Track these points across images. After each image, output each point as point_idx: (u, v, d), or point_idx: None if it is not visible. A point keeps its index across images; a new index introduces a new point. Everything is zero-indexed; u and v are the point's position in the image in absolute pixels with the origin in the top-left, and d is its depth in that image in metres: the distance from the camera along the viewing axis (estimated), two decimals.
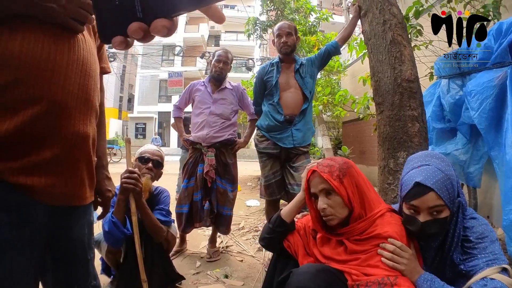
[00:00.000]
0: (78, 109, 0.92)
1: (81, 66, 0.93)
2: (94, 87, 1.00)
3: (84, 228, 1.04)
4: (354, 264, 1.10)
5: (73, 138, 0.90)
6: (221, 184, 2.70)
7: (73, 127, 0.90)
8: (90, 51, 0.98)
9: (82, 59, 0.93)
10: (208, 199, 2.69)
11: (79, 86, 0.92)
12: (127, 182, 1.66)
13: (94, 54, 1.02)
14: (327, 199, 1.18)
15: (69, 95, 0.88)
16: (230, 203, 2.73)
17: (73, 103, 0.90)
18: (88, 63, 0.96)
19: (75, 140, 0.91)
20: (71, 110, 0.89)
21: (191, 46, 24.60)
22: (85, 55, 0.95)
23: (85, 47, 0.95)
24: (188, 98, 2.87)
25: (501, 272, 0.97)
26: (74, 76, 0.90)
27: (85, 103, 0.95)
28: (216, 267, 2.48)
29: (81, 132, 0.93)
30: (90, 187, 1.02)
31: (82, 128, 0.93)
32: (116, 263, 1.88)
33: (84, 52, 0.94)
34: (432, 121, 2.31)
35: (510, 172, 1.49)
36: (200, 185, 2.66)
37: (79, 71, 0.92)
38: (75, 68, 0.91)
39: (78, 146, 0.93)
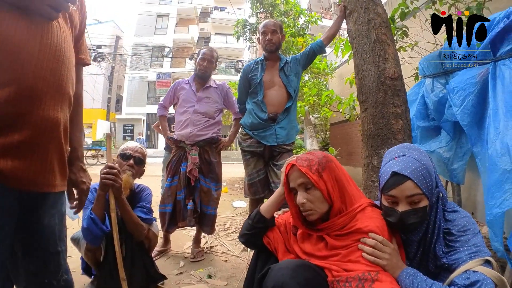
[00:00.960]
0: (49, 94, 0.91)
1: (54, 52, 0.92)
2: (68, 74, 0.99)
3: (55, 217, 1.01)
4: (335, 260, 1.08)
5: (42, 123, 0.90)
6: (205, 183, 2.66)
7: (43, 112, 0.89)
8: (65, 39, 0.98)
9: (55, 45, 0.93)
10: (192, 198, 2.65)
11: (51, 71, 0.91)
12: (107, 177, 1.64)
13: (69, 42, 1.01)
14: (306, 193, 1.16)
15: (40, 80, 0.88)
16: (214, 202, 2.69)
17: (44, 88, 0.89)
18: (62, 50, 0.95)
19: (45, 125, 0.90)
20: (41, 95, 0.89)
21: (180, 47, 24.55)
22: (59, 42, 0.94)
23: (59, 34, 0.95)
24: (173, 96, 2.84)
25: (484, 265, 0.96)
26: (46, 62, 0.90)
27: (57, 89, 0.94)
28: (200, 267, 2.44)
29: (51, 118, 0.92)
30: (61, 175, 1.00)
31: (53, 113, 0.92)
32: (96, 262, 1.83)
33: (58, 39, 0.94)
34: (417, 119, 2.33)
35: (493, 167, 1.50)
36: (184, 184, 2.62)
37: (51, 56, 0.91)
38: (48, 53, 0.90)
39: (48, 132, 0.92)
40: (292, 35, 6.99)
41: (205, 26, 26.84)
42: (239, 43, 12.99)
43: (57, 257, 1.02)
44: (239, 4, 21.17)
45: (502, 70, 1.60)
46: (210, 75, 2.81)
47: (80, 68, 1.18)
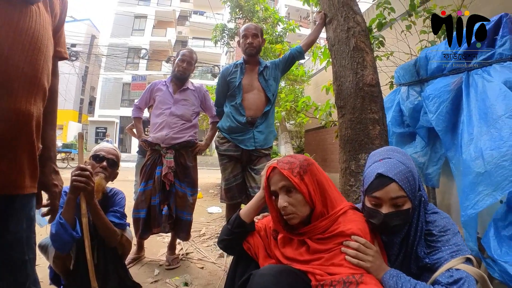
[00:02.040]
0: (22, 84, 0.83)
1: (31, 38, 0.84)
2: (44, 65, 0.90)
3: (22, 222, 0.91)
4: (317, 264, 1.06)
5: (12, 116, 0.81)
6: (180, 187, 2.59)
7: (14, 103, 0.81)
8: (44, 26, 0.90)
9: (32, 32, 0.85)
10: (167, 203, 2.58)
11: (26, 60, 0.83)
12: (78, 180, 1.52)
13: (48, 30, 0.93)
14: (287, 196, 1.14)
15: (12, 68, 0.80)
16: (189, 207, 2.62)
17: (17, 76, 0.81)
18: (40, 38, 0.87)
19: (15, 118, 0.82)
20: (13, 84, 0.80)
21: (157, 50, 24.22)
22: (37, 28, 0.86)
23: (38, 20, 0.87)
24: (149, 97, 2.76)
25: (465, 262, 0.98)
26: (21, 48, 0.82)
27: (31, 80, 0.86)
28: (175, 274, 2.36)
29: (23, 110, 0.83)
30: (31, 176, 0.91)
31: (25, 106, 0.84)
32: (65, 271, 1.70)
33: (36, 25, 0.86)
34: (392, 126, 2.39)
35: (467, 170, 1.56)
36: (158, 188, 2.53)
37: (27, 43, 0.83)
38: (24, 39, 0.82)
39: (19, 126, 0.83)
40: (270, 42, 7.05)
41: (183, 30, 26.66)
42: (216, 48, 12.99)
43: (25, 267, 0.92)
44: (219, 9, 21.21)
45: (475, 79, 1.68)
46: (188, 77, 2.76)
47: (57, 62, 1.09)
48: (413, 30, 2.81)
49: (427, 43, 2.78)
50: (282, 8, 23.98)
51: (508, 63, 1.59)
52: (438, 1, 2.87)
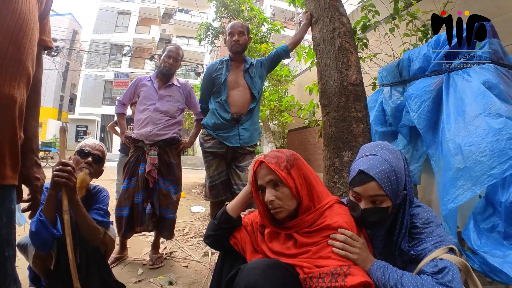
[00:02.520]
0: (6, 66, 0.79)
1: (17, 20, 0.81)
2: (29, 49, 0.86)
3: (2, 216, 0.85)
4: (305, 257, 1.07)
5: None
6: (164, 185, 2.55)
7: None
8: (30, 9, 0.86)
9: (18, 13, 0.81)
10: (150, 201, 2.52)
11: (11, 41, 0.79)
12: (59, 175, 1.47)
13: (34, 14, 0.89)
14: (274, 190, 1.15)
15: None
16: (173, 205, 2.59)
17: (1, 57, 0.77)
18: (26, 19, 0.84)
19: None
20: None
21: (140, 47, 23.80)
22: (23, 10, 0.83)
23: (24, 2, 0.83)
24: (133, 93, 2.72)
25: (449, 252, 1.02)
26: (6, 28, 0.78)
27: (15, 63, 0.81)
28: (159, 274, 2.33)
29: (6, 94, 0.79)
30: (12, 166, 0.85)
31: (8, 89, 0.79)
32: (45, 271, 1.64)
33: (22, 6, 0.82)
34: (375, 124, 2.44)
35: (447, 166, 1.62)
36: (142, 186, 2.49)
37: (13, 24, 0.80)
38: (9, 20, 0.79)
39: (0, 111, 0.79)
40: (254, 42, 7.06)
41: (167, 27, 26.35)
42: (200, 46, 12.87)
43: (4, 264, 0.86)
44: (204, 8, 21.05)
45: (455, 79, 1.74)
46: (174, 74, 2.73)
47: (41, 50, 1.05)
48: (396, 33, 2.88)
49: (410, 45, 2.85)
50: (268, 8, 24.10)
51: (487, 65, 1.66)
52: (421, 5, 2.96)
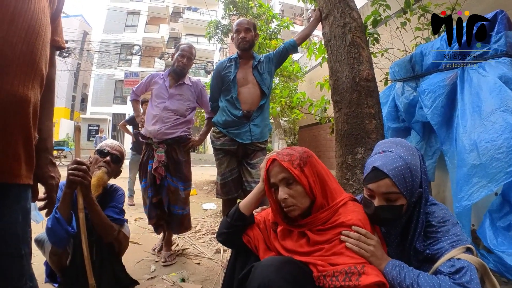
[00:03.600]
0: (19, 67, 0.79)
1: (30, 20, 0.81)
2: (42, 49, 0.87)
3: (18, 214, 0.86)
4: (318, 255, 1.06)
5: (9, 98, 0.77)
6: (172, 182, 2.60)
7: (10, 86, 0.77)
8: (42, 10, 0.87)
9: (31, 14, 0.82)
10: (159, 197, 2.60)
11: (24, 41, 0.80)
12: (74, 174, 1.49)
13: (46, 14, 0.90)
14: (287, 189, 1.14)
15: (10, 48, 0.77)
16: (182, 202, 2.63)
17: (14, 57, 0.78)
18: (38, 20, 0.84)
19: (11, 101, 0.78)
20: (10, 65, 0.77)
21: (150, 46, 24.01)
22: (36, 11, 0.83)
23: (37, 3, 0.84)
24: (146, 87, 2.79)
25: (466, 252, 0.99)
26: (20, 29, 0.79)
27: (29, 63, 0.82)
28: (172, 271, 2.35)
29: (20, 94, 0.80)
30: (27, 165, 0.87)
31: (22, 90, 0.80)
32: (61, 267, 1.67)
33: (35, 7, 0.83)
34: (388, 121, 2.41)
35: (461, 162, 1.59)
36: (150, 182, 2.57)
37: (26, 25, 0.80)
38: (22, 20, 0.79)
39: (14, 110, 0.79)
40: (264, 38, 7.04)
41: (176, 26, 26.43)
42: (210, 44, 12.91)
43: (20, 262, 0.87)
44: (212, 6, 21.06)
45: (470, 74, 1.70)
46: (187, 73, 2.75)
47: (54, 51, 1.06)
48: (407, 27, 2.83)
49: (422, 40, 2.80)
50: (276, 5, 23.93)
51: (503, 59, 1.61)
52: None
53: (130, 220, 3.70)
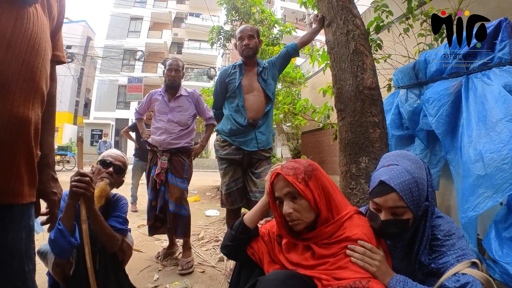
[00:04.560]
0: (20, 88, 0.80)
1: (28, 40, 0.82)
2: (42, 68, 0.88)
3: (21, 232, 0.88)
4: (323, 269, 1.05)
5: (10, 120, 0.78)
6: (177, 183, 2.72)
7: (11, 107, 0.78)
8: (42, 28, 0.88)
9: (30, 33, 0.82)
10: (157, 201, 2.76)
11: (24, 62, 0.81)
12: (77, 185, 1.49)
13: (45, 32, 0.91)
14: (292, 203, 1.13)
15: (9, 69, 0.77)
16: (186, 202, 2.75)
17: (14, 79, 0.78)
18: (38, 39, 0.85)
19: (13, 123, 0.79)
20: (10, 86, 0.77)
21: (153, 52, 24.15)
22: (35, 30, 0.84)
23: (36, 21, 0.85)
24: (148, 105, 3.04)
25: (471, 267, 0.98)
26: (18, 49, 0.79)
27: (29, 83, 0.83)
28: (175, 279, 2.35)
29: (21, 115, 0.80)
30: (30, 184, 0.88)
31: (23, 110, 0.81)
32: (64, 277, 1.67)
33: (34, 26, 0.84)
34: (391, 128, 2.39)
35: (467, 173, 1.57)
36: (152, 186, 2.79)
37: (25, 45, 0.81)
38: (21, 41, 0.80)
39: (16, 131, 0.80)
40: (266, 44, 7.07)
41: (179, 32, 26.59)
42: (212, 50, 13.00)
43: (24, 278, 0.88)
44: (215, 11, 21.20)
45: (474, 82, 1.69)
46: (180, 84, 2.91)
47: (54, 66, 1.07)
48: (410, 33, 2.82)
49: (425, 46, 2.79)
50: (278, 10, 24.08)
51: (507, 67, 1.60)
52: (435, 4, 2.90)
53: (133, 226, 3.72)
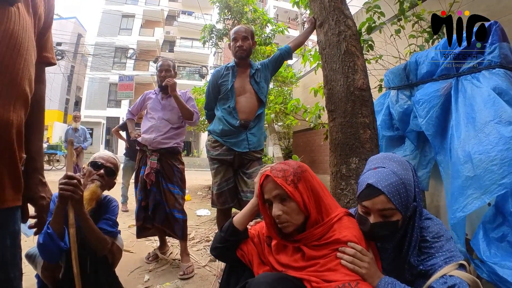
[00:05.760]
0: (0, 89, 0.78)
1: (9, 40, 0.80)
2: (24, 68, 0.85)
3: (5, 239, 0.85)
4: (313, 270, 1.05)
5: None
6: (168, 188, 2.71)
7: None
8: (24, 28, 0.85)
9: (11, 33, 0.80)
10: (147, 201, 2.72)
11: (2, 63, 0.78)
12: (64, 188, 1.45)
13: (29, 33, 0.88)
14: (281, 205, 1.12)
15: None
16: (180, 206, 2.72)
17: None
18: (19, 40, 0.82)
19: None
20: None
21: (144, 50, 23.90)
22: (16, 30, 0.81)
23: (17, 21, 0.82)
24: (141, 105, 3.05)
25: (459, 268, 1.00)
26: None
27: (9, 85, 0.81)
28: (166, 280, 2.33)
29: (1, 117, 0.78)
30: (14, 188, 0.85)
31: (3, 112, 0.78)
32: (53, 281, 1.63)
33: (15, 26, 0.81)
34: (382, 129, 2.41)
35: (456, 174, 1.59)
36: (141, 186, 2.75)
37: (4, 45, 0.79)
38: (0, 41, 0.78)
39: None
40: (259, 44, 7.04)
41: (171, 30, 26.43)
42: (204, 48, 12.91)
43: (9, 286, 0.86)
44: (207, 10, 21.11)
45: (464, 84, 1.71)
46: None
47: (43, 68, 1.04)
48: (402, 34, 2.85)
49: (416, 47, 2.82)
50: (271, 9, 24.06)
51: (497, 70, 1.62)
52: (426, 6, 2.92)
53: (123, 227, 3.68)
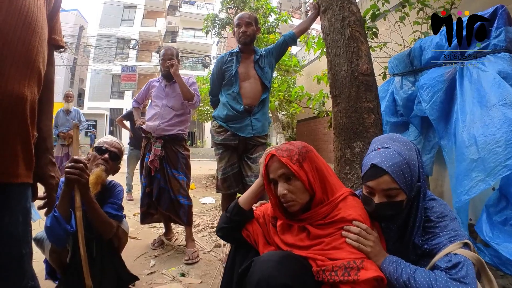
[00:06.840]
0: (15, 65, 0.78)
1: (25, 18, 0.80)
2: (39, 46, 0.86)
3: (17, 215, 0.85)
4: (318, 249, 1.07)
5: (4, 97, 0.76)
6: (173, 174, 2.73)
7: (5, 84, 0.76)
8: (38, 6, 0.86)
9: (26, 11, 0.80)
10: (152, 187, 2.75)
11: (19, 39, 0.79)
12: (71, 172, 1.47)
13: (42, 12, 0.89)
14: (287, 184, 1.14)
15: (5, 46, 0.75)
16: (185, 192, 2.74)
17: (9, 56, 0.77)
18: (34, 17, 0.83)
19: (7, 100, 0.77)
20: (5, 63, 0.76)
21: (147, 40, 23.78)
22: (31, 8, 0.82)
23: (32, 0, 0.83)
24: (146, 94, 3.07)
25: (463, 247, 1.00)
26: (14, 26, 0.77)
27: (25, 61, 0.81)
28: (171, 265, 2.37)
29: (16, 92, 0.78)
30: (26, 164, 0.86)
31: (18, 88, 0.79)
32: (61, 264, 1.67)
33: (30, 4, 0.82)
34: (386, 115, 2.41)
35: (461, 157, 1.59)
36: (146, 173, 2.79)
37: (21, 22, 0.79)
38: (17, 18, 0.78)
39: (11, 109, 0.78)
40: (262, 32, 6.99)
41: (173, 20, 26.23)
42: (207, 38, 12.82)
43: (21, 262, 0.86)
44: None
45: (469, 69, 1.71)
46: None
47: (52, 50, 1.04)
48: (406, 21, 2.82)
49: (420, 34, 2.79)
50: None
51: (502, 54, 1.61)
52: None
53: (128, 215, 3.72)
